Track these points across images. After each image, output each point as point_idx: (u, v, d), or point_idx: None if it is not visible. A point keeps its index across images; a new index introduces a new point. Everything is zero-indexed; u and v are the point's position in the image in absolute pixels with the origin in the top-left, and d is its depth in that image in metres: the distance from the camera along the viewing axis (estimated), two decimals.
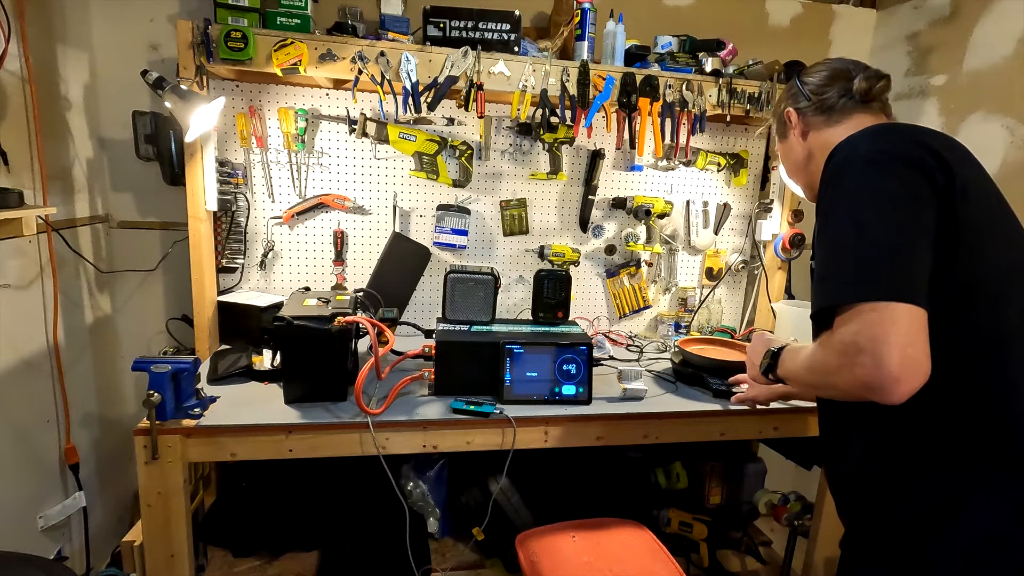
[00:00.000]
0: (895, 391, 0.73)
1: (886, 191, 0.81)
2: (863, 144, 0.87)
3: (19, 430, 1.62)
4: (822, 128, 1.07)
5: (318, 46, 1.65)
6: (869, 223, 0.80)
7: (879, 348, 0.73)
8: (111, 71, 1.88)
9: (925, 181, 0.81)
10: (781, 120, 1.16)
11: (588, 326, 2.23)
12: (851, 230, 0.81)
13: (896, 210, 0.80)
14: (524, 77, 1.79)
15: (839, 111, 1.05)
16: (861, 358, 0.74)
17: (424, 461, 2.01)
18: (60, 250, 1.74)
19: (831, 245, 0.84)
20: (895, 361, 0.72)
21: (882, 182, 0.81)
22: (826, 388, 0.86)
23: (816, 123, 1.08)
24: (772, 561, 2.10)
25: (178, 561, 1.37)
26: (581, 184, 2.17)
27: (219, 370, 1.61)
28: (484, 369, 1.56)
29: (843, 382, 0.78)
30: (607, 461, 2.09)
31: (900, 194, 0.80)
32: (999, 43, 1.98)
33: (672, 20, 2.25)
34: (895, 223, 0.79)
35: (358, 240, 2.04)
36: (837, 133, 1.03)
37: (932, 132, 0.88)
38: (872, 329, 0.74)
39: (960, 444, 0.82)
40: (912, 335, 0.74)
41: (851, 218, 0.82)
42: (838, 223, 0.84)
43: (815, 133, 1.08)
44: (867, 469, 0.92)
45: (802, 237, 2.13)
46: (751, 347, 1.18)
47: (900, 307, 0.74)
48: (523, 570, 1.49)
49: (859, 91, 1.03)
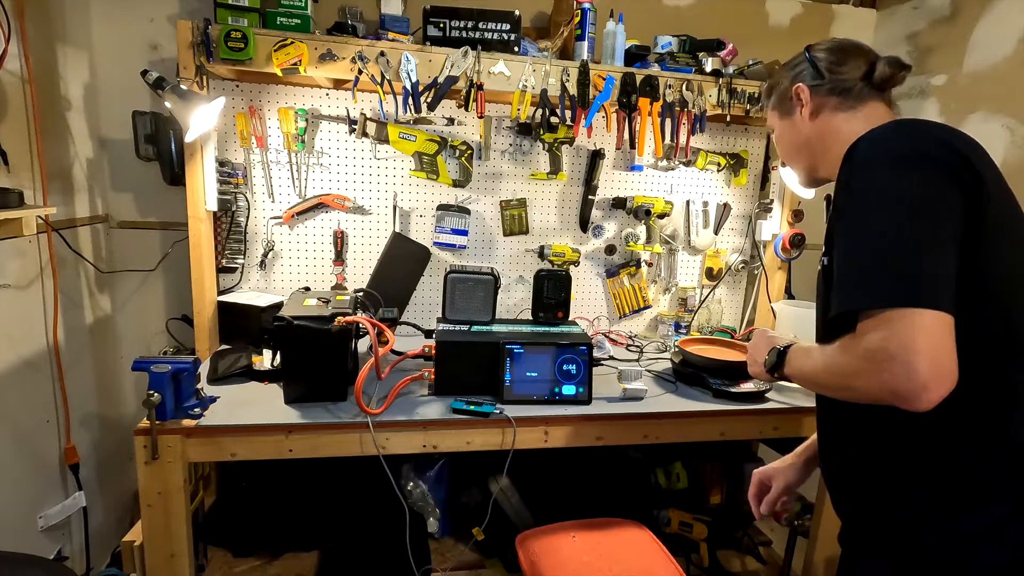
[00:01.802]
0: (923, 399, 0.72)
1: (914, 193, 0.78)
2: (889, 141, 0.84)
3: (19, 430, 1.62)
4: (835, 111, 1.01)
5: (318, 46, 1.64)
6: (897, 226, 0.77)
7: (909, 356, 0.72)
8: (111, 71, 1.88)
9: (953, 183, 0.78)
10: (784, 96, 1.08)
11: (588, 326, 2.23)
12: (878, 232, 0.78)
13: (925, 213, 0.77)
14: (524, 77, 1.79)
15: (855, 96, 0.99)
16: (890, 365, 0.73)
17: (424, 461, 2.01)
18: (60, 250, 1.74)
19: (856, 246, 0.81)
20: (925, 369, 0.71)
21: (910, 183, 0.79)
22: (846, 391, 0.84)
23: (829, 104, 1.01)
24: (772, 561, 2.10)
25: (178, 561, 1.37)
26: (581, 184, 2.17)
27: (219, 370, 1.61)
28: (484, 369, 1.56)
29: (868, 387, 0.77)
30: (607, 461, 2.09)
31: (929, 196, 0.78)
32: (999, 43, 1.98)
33: (672, 20, 2.25)
34: (923, 226, 0.77)
35: (358, 240, 2.04)
36: (851, 120, 0.99)
37: (954, 131, 0.85)
38: (902, 336, 0.73)
39: (964, 442, 0.82)
40: (941, 343, 0.73)
41: (878, 220, 0.79)
42: (863, 224, 0.81)
43: (827, 115, 1.01)
44: (867, 463, 0.92)
45: (802, 237, 2.13)
46: (753, 343, 1.14)
47: (929, 314, 0.73)
48: (523, 570, 1.49)
49: (880, 77, 0.98)
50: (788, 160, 1.14)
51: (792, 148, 1.10)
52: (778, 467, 1.23)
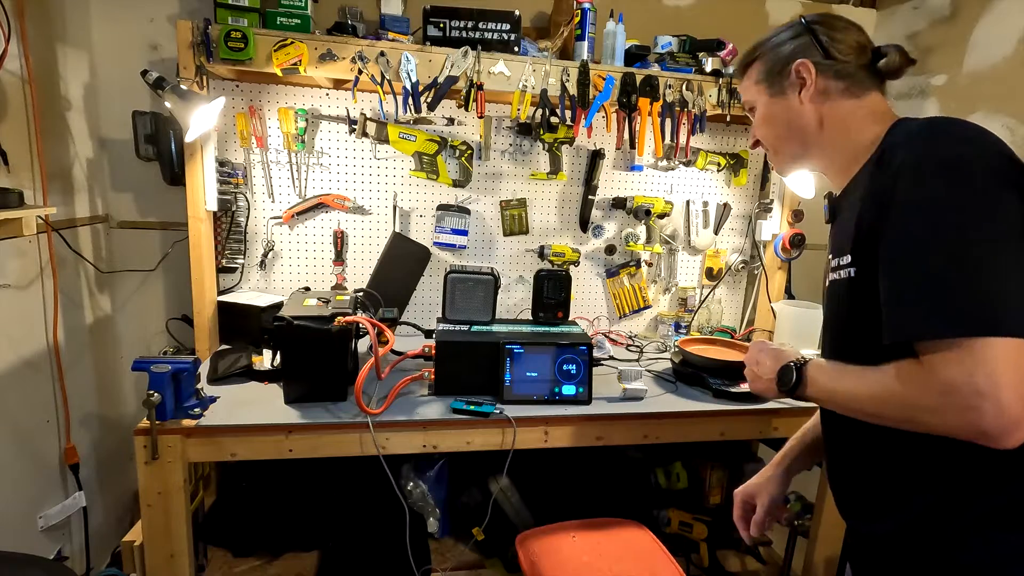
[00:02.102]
0: (1014, 438, 0.66)
1: (977, 203, 0.71)
2: (934, 145, 0.76)
3: (19, 430, 1.62)
4: (839, 98, 0.91)
5: (318, 46, 1.64)
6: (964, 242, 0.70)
7: (999, 393, 0.65)
8: (111, 71, 1.88)
9: (1011, 189, 0.71)
10: (778, 71, 0.95)
11: (588, 326, 2.23)
12: (943, 249, 0.70)
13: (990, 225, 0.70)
14: (524, 77, 1.79)
15: (859, 83, 0.91)
16: (978, 403, 0.66)
17: (424, 461, 2.00)
18: (60, 250, 1.74)
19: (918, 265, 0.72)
20: (1017, 406, 0.65)
21: (969, 193, 0.71)
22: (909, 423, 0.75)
23: (835, 89, 0.91)
24: (772, 561, 2.10)
25: (178, 561, 1.37)
26: (581, 184, 2.17)
27: (219, 370, 1.61)
28: (484, 369, 1.56)
29: (945, 425, 0.70)
30: (607, 461, 2.09)
31: (991, 206, 0.70)
32: (999, 43, 1.98)
33: (672, 20, 2.25)
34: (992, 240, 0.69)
35: (358, 240, 2.04)
36: (857, 111, 0.90)
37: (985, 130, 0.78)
38: (989, 370, 0.65)
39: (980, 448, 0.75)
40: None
41: (941, 235, 0.71)
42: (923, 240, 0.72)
43: (833, 101, 0.92)
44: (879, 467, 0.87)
45: (802, 237, 2.13)
46: (753, 357, 1.02)
47: (1013, 343, 0.66)
48: (523, 570, 1.49)
49: (889, 66, 0.90)
50: (771, 142, 1.02)
51: (782, 131, 0.99)
52: (759, 482, 1.15)
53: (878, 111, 0.90)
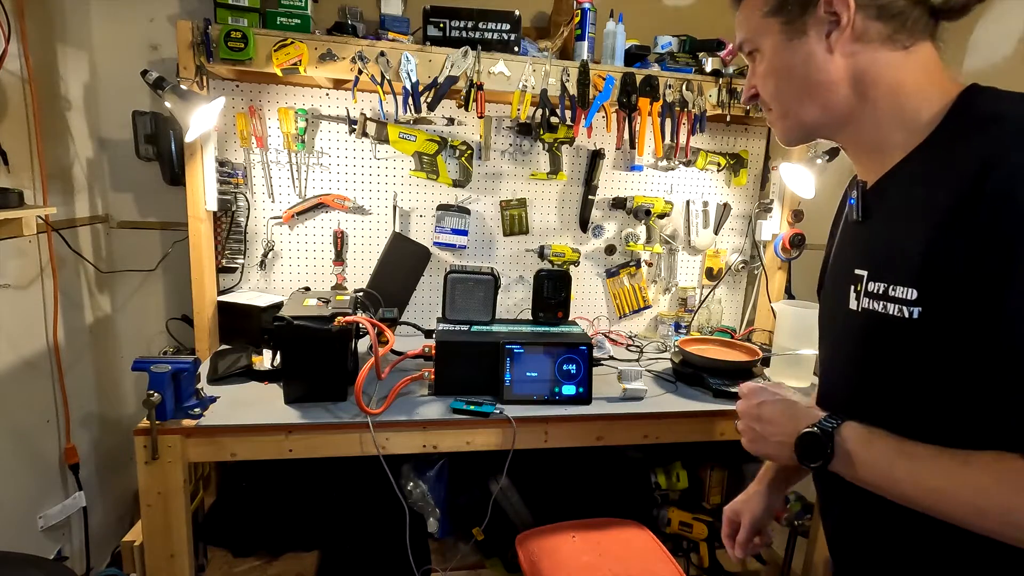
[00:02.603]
0: None
1: None
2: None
3: (19, 430, 1.62)
4: (879, 48, 0.67)
5: (318, 46, 1.64)
6: None
7: None
8: (111, 71, 1.88)
9: None
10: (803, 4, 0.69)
11: (588, 326, 2.23)
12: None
13: None
14: (524, 77, 1.79)
15: (909, 29, 0.67)
16: None
17: (424, 461, 2.01)
18: (60, 250, 1.74)
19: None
20: None
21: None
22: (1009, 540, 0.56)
23: (874, 33, 0.67)
24: (772, 561, 2.10)
25: (178, 561, 1.37)
26: (581, 184, 2.17)
27: (219, 370, 1.61)
28: (484, 369, 1.56)
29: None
30: (607, 461, 2.09)
31: None
32: (999, 43, 1.98)
33: (672, 20, 2.25)
34: None
35: (358, 240, 2.04)
36: (901, 67, 0.67)
37: None
38: None
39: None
40: None
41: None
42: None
43: (870, 51, 0.67)
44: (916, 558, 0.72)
45: (802, 237, 2.13)
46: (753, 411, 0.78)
47: None
48: (523, 570, 1.49)
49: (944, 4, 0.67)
50: (778, 100, 0.75)
51: (796, 87, 0.72)
52: (743, 499, 1.06)
53: (933, 71, 0.69)
